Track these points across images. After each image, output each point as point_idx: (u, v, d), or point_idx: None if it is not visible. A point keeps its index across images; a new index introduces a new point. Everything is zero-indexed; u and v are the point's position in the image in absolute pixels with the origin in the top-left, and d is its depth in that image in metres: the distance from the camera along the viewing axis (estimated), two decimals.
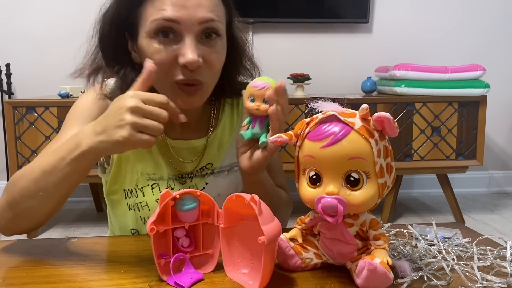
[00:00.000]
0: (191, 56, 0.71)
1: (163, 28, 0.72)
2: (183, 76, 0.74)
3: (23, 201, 0.70)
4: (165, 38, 0.72)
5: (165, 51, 0.73)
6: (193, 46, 0.72)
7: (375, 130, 0.55)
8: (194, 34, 0.72)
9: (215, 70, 0.77)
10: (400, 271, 0.58)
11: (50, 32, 2.66)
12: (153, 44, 0.73)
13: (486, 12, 2.91)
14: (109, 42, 0.80)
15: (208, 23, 0.73)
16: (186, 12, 0.71)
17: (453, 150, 2.39)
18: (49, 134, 2.14)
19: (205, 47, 0.74)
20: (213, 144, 0.89)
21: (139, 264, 0.64)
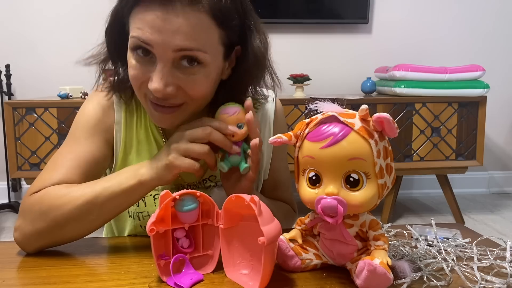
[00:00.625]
0: (155, 85, 0.66)
1: (139, 46, 0.67)
2: (153, 97, 0.70)
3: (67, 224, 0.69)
4: (143, 56, 0.68)
5: (140, 70, 0.69)
6: (161, 74, 0.66)
7: (374, 130, 0.55)
8: (167, 61, 0.66)
9: (196, 94, 0.71)
10: (400, 271, 0.58)
11: (50, 34, 2.66)
12: (131, 58, 0.70)
13: (485, 13, 2.91)
14: (110, 36, 0.79)
15: (182, 52, 0.66)
16: (160, 37, 0.64)
17: (452, 150, 2.39)
18: (49, 135, 2.14)
19: (182, 74, 0.68)
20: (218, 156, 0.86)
21: (139, 265, 0.64)
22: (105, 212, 0.71)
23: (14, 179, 2.68)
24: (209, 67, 0.69)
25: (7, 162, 2.45)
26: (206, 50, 0.67)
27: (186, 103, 0.71)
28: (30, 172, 2.16)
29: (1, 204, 2.64)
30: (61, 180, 0.74)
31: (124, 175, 0.71)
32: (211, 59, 0.69)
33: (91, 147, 0.79)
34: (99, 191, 0.69)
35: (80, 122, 0.82)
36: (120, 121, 0.82)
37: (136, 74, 0.69)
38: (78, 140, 0.79)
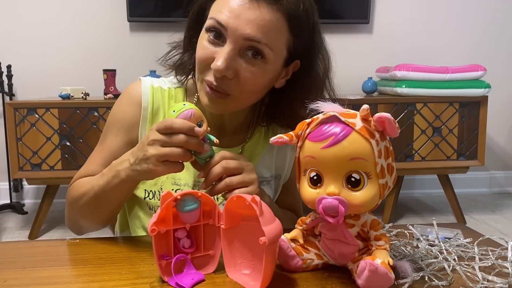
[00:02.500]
0: (218, 64, 0.70)
1: (212, 27, 0.72)
2: (210, 78, 0.74)
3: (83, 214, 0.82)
4: (214, 38, 0.73)
5: (208, 50, 0.73)
6: (226, 55, 0.71)
7: (376, 130, 0.55)
8: (236, 46, 0.71)
9: (247, 88, 0.75)
10: (401, 271, 0.58)
11: (51, 34, 2.67)
12: (203, 39, 0.75)
13: (486, 12, 2.91)
14: (189, 23, 0.83)
15: (251, 42, 0.71)
16: (236, 22, 0.70)
17: (454, 150, 2.39)
18: (50, 135, 2.14)
19: (244, 62, 0.72)
20: (247, 154, 0.89)
21: (140, 265, 0.64)
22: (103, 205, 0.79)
23: (15, 179, 2.68)
24: (270, 65, 0.74)
25: (9, 163, 2.46)
26: (272, 48, 0.72)
27: (232, 96, 0.75)
28: (32, 173, 2.16)
29: (3, 205, 2.64)
30: (88, 173, 0.84)
31: (110, 173, 0.75)
32: (274, 58, 0.74)
33: (117, 142, 0.85)
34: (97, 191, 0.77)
35: (110, 119, 0.89)
36: (146, 118, 0.85)
37: (204, 53, 0.74)
38: (107, 136, 0.87)
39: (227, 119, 0.87)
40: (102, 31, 2.69)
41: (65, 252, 0.71)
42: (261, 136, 0.91)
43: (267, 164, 0.91)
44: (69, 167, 2.17)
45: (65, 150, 2.17)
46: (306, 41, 0.78)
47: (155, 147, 0.67)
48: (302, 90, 0.82)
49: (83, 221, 0.84)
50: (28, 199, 2.80)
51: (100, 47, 2.68)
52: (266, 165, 0.90)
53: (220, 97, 0.75)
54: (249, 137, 0.90)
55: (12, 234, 2.32)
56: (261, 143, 0.91)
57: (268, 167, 0.91)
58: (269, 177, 0.91)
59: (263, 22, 0.70)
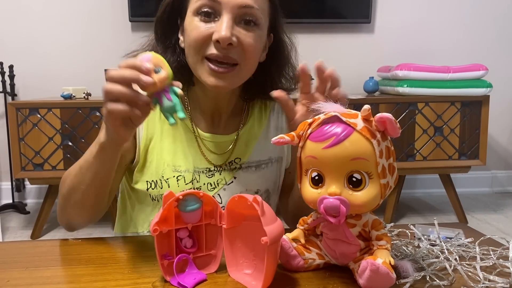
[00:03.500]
0: (224, 32, 0.73)
1: (204, 6, 0.75)
2: (215, 51, 0.75)
3: (71, 196, 0.78)
4: (206, 17, 0.76)
5: (203, 29, 0.75)
6: (228, 24, 0.74)
7: (377, 130, 0.55)
8: (232, 15, 0.75)
9: (250, 55, 0.78)
10: (402, 271, 0.58)
11: (53, 34, 2.67)
12: (194, 21, 0.77)
13: (488, 12, 2.90)
14: (160, 24, 0.85)
15: (247, 8, 0.75)
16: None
17: (455, 150, 2.38)
18: (52, 135, 2.15)
19: (242, 29, 0.76)
20: (242, 139, 0.91)
21: (142, 264, 0.65)
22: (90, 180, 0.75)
23: (17, 179, 2.69)
24: (262, 31, 0.80)
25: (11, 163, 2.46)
26: (262, 12, 0.78)
27: (240, 64, 0.77)
28: (34, 172, 2.17)
29: (5, 204, 2.65)
30: None
31: (93, 144, 0.74)
32: (263, 24, 0.79)
33: None
34: (82, 163, 0.76)
35: None
36: None
37: (200, 32, 0.76)
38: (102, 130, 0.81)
39: (222, 103, 0.89)
40: (104, 31, 2.69)
41: (68, 252, 0.71)
42: (254, 121, 0.94)
43: (264, 147, 0.93)
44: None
45: (67, 150, 2.17)
46: (276, 8, 0.84)
47: (106, 104, 0.62)
48: (279, 62, 0.88)
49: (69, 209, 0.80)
50: (30, 199, 2.81)
51: (102, 47, 2.68)
52: (262, 149, 0.93)
53: (228, 70, 0.77)
54: (243, 123, 0.93)
55: (14, 234, 2.32)
56: (255, 127, 0.93)
57: (265, 150, 0.93)
58: (267, 159, 0.93)
59: None
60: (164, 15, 0.84)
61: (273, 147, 0.93)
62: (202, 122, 0.90)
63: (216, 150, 0.89)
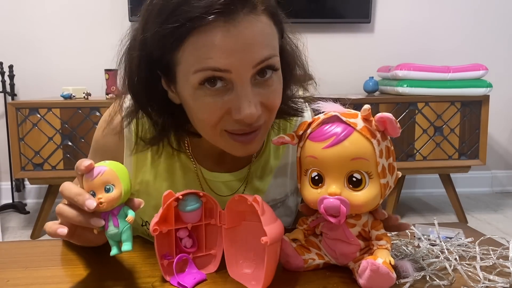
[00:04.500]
0: (248, 111, 0.57)
1: (210, 77, 0.58)
2: (238, 127, 0.61)
3: None
4: (213, 88, 0.58)
5: (215, 105, 0.59)
6: (250, 96, 0.58)
7: (377, 130, 0.55)
8: (248, 81, 0.58)
9: (275, 110, 0.64)
10: (402, 271, 0.58)
11: (53, 34, 2.67)
12: (198, 96, 0.59)
13: (488, 12, 2.90)
14: (140, 86, 0.66)
15: (264, 62, 0.58)
16: (237, 57, 0.56)
17: (455, 149, 2.38)
18: (52, 135, 2.15)
19: (261, 89, 0.60)
20: (254, 176, 0.79)
21: (142, 264, 0.65)
22: None
23: (17, 179, 2.69)
24: (279, 72, 0.63)
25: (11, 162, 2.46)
26: (276, 53, 0.62)
27: (264, 123, 0.64)
28: (34, 172, 2.16)
29: (5, 204, 2.65)
30: None
31: None
32: (279, 61, 0.63)
33: None
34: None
35: (93, 143, 0.80)
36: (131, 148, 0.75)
37: (213, 111, 0.59)
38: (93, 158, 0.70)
39: None
40: (104, 31, 2.69)
41: (67, 252, 0.71)
42: (270, 152, 0.80)
43: (280, 183, 0.81)
44: (71, 167, 2.17)
45: (67, 150, 2.17)
46: (282, 27, 0.66)
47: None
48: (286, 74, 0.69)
49: None
50: (30, 198, 2.81)
51: (101, 47, 2.68)
52: (279, 185, 0.81)
53: (254, 137, 0.63)
54: (255, 156, 0.79)
55: (14, 234, 2.32)
56: (271, 160, 0.80)
57: (282, 186, 0.81)
58: (284, 197, 0.82)
59: (259, 38, 0.58)
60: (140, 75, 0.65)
61: (290, 181, 0.82)
62: (207, 160, 0.76)
63: (226, 191, 0.77)
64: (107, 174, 0.54)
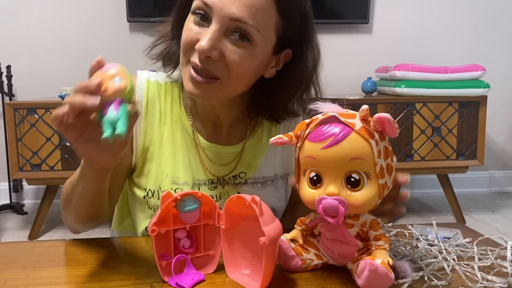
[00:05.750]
0: (202, 44, 0.67)
1: (198, 8, 0.70)
2: (195, 60, 0.70)
3: (66, 206, 0.79)
4: (200, 20, 0.70)
5: (192, 32, 0.71)
6: (211, 35, 0.68)
7: (375, 130, 0.55)
8: (221, 26, 0.68)
9: (234, 72, 0.71)
10: (401, 271, 0.58)
11: (51, 34, 2.67)
12: (189, 21, 0.73)
13: (486, 12, 2.91)
14: (175, 13, 0.80)
15: (239, 22, 0.67)
16: (222, 2, 0.67)
17: (453, 150, 2.39)
18: (50, 136, 2.14)
19: (230, 44, 0.69)
20: (248, 152, 0.86)
21: (140, 265, 0.65)
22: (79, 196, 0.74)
23: (15, 180, 2.68)
24: (257, 49, 0.71)
25: (8, 163, 2.46)
26: (259, 30, 0.69)
27: (221, 79, 0.71)
28: (31, 173, 2.16)
29: (3, 205, 2.64)
30: None
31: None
32: (262, 41, 0.70)
33: None
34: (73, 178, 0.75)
35: None
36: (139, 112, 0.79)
37: (188, 35, 0.71)
38: None
39: (220, 113, 0.83)
40: (102, 31, 2.69)
41: (65, 253, 0.71)
42: (262, 132, 0.88)
43: (271, 163, 0.88)
44: (69, 168, 2.17)
45: (65, 151, 2.17)
46: (297, 27, 0.75)
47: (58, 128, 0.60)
48: (290, 82, 0.80)
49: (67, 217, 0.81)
50: (28, 199, 2.80)
51: (99, 47, 2.68)
52: (269, 164, 0.87)
53: (207, 82, 0.71)
54: (250, 133, 0.87)
55: (12, 235, 2.32)
56: (264, 139, 0.87)
57: (272, 166, 0.88)
58: (273, 176, 0.88)
59: (249, 2, 0.67)
60: (181, 4, 0.78)
61: (280, 163, 0.89)
62: (203, 130, 0.85)
63: (218, 161, 0.85)
64: (118, 69, 0.57)
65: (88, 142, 0.61)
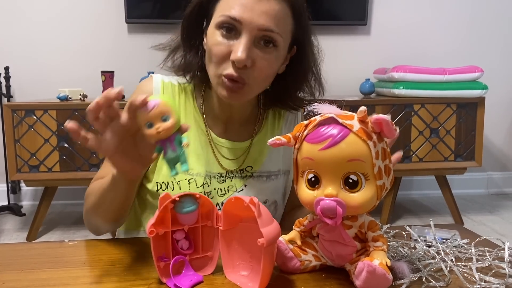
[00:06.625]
0: (239, 55, 0.74)
1: (226, 23, 0.76)
2: (230, 71, 0.76)
3: (95, 211, 0.81)
4: (227, 33, 0.76)
5: (223, 45, 0.76)
6: (245, 46, 0.74)
7: (373, 132, 0.55)
8: (251, 37, 0.75)
9: (262, 76, 0.79)
10: (399, 272, 0.58)
11: (49, 35, 2.66)
12: (216, 34, 0.78)
13: (484, 14, 2.92)
14: (188, 23, 0.86)
15: (266, 32, 0.76)
16: (250, 15, 0.74)
17: (451, 151, 2.39)
18: (48, 137, 2.14)
19: (259, 51, 0.77)
20: (255, 147, 0.92)
21: (138, 266, 0.65)
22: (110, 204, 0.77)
23: (13, 181, 2.68)
24: (280, 52, 0.80)
25: (6, 164, 2.45)
26: (282, 35, 0.78)
27: (248, 83, 0.78)
28: (30, 174, 2.16)
29: (1, 207, 2.64)
30: (102, 175, 0.82)
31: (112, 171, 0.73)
32: (283, 44, 0.80)
33: None
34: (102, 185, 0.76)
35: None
36: None
37: (220, 48, 0.77)
38: None
39: (236, 111, 0.90)
40: (100, 32, 2.68)
41: (63, 254, 0.71)
42: (267, 130, 0.94)
43: (275, 158, 0.93)
44: (67, 169, 2.17)
45: (63, 152, 2.16)
46: (303, 26, 0.84)
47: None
48: (297, 75, 0.89)
49: (94, 219, 0.83)
50: (26, 200, 2.80)
51: (98, 48, 2.68)
52: (273, 160, 0.93)
53: (239, 88, 0.78)
54: (257, 131, 0.93)
55: (10, 236, 2.31)
56: (268, 136, 0.92)
57: (276, 161, 0.94)
58: (277, 171, 0.93)
59: (273, 12, 0.76)
60: (192, 15, 0.84)
61: (283, 159, 0.95)
62: (216, 127, 0.91)
63: (230, 156, 0.90)
64: (162, 106, 0.59)
65: (124, 156, 0.65)
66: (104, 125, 0.61)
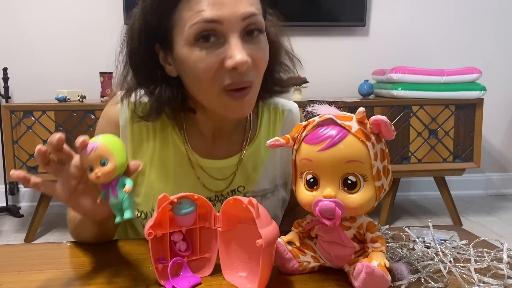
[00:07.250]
0: (240, 57, 0.63)
1: (204, 30, 0.64)
2: (231, 80, 0.66)
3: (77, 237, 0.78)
4: (207, 43, 0.65)
5: (209, 57, 0.65)
6: (240, 46, 0.64)
7: (372, 133, 0.55)
8: (239, 32, 0.65)
9: (263, 68, 0.70)
10: (397, 273, 0.58)
11: (48, 37, 2.66)
12: (194, 52, 0.65)
13: (482, 15, 2.92)
14: (139, 58, 0.72)
15: (250, 18, 0.65)
16: (226, 9, 0.63)
17: (450, 152, 2.39)
18: (47, 138, 2.13)
19: (250, 45, 0.66)
20: (246, 165, 0.82)
21: (137, 268, 0.64)
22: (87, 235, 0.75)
23: (11, 182, 2.68)
24: (265, 33, 0.70)
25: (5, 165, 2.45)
26: (261, 15, 0.69)
27: (254, 85, 0.69)
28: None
29: None
30: None
31: None
32: (264, 26, 0.70)
33: None
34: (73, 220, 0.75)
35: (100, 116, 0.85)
36: (126, 136, 0.78)
37: (208, 64, 0.65)
38: None
39: (227, 123, 0.80)
40: (99, 34, 2.68)
41: (62, 255, 0.71)
42: (261, 142, 0.83)
43: (270, 175, 0.84)
44: None
45: None
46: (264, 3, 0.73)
47: None
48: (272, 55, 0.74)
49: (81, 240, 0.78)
50: (24, 202, 2.79)
51: (96, 49, 2.67)
52: (269, 176, 0.84)
53: (246, 93, 0.68)
54: (248, 141, 0.83)
55: (8, 237, 2.31)
56: (261, 150, 0.83)
57: (271, 176, 0.84)
58: (273, 187, 0.85)
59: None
60: (141, 48, 0.71)
61: (279, 173, 0.86)
62: (200, 147, 0.81)
63: (219, 176, 0.81)
64: (100, 149, 0.56)
65: (83, 199, 0.60)
66: (55, 170, 0.58)
